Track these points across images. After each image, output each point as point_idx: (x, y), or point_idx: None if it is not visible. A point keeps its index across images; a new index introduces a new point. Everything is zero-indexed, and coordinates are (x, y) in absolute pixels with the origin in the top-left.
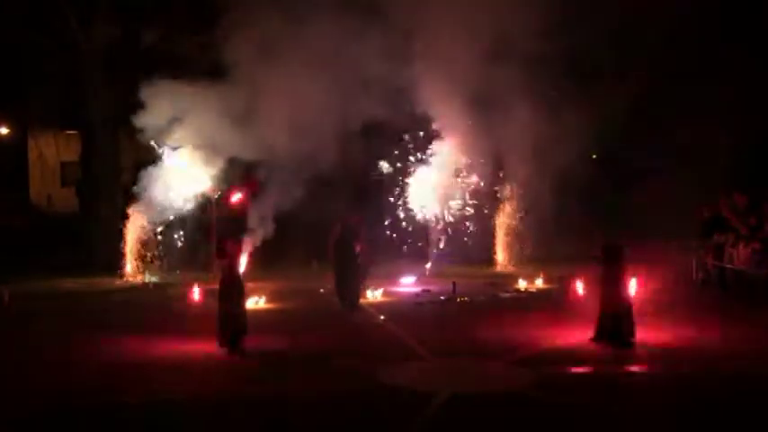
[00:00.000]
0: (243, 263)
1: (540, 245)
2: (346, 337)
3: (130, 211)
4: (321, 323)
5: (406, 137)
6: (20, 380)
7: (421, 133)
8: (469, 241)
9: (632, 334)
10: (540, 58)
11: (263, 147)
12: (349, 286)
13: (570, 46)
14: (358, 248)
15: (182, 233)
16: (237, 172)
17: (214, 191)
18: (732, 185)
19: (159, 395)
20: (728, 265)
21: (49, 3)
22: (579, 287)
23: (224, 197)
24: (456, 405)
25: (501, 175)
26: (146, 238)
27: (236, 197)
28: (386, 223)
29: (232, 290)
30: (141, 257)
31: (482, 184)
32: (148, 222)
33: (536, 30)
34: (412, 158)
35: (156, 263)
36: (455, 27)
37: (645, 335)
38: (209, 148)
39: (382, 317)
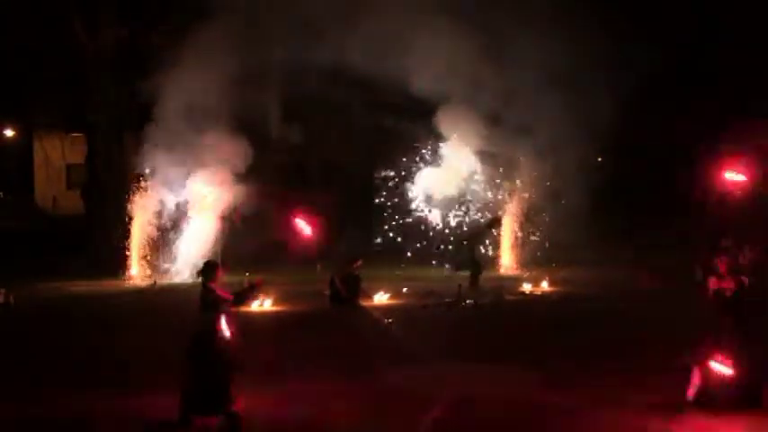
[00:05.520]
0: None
1: (547, 248)
2: (352, 339)
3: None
4: (327, 326)
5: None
6: None
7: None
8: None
9: None
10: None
11: None
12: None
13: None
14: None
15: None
16: None
17: None
18: None
19: None
20: None
21: (54, 6)
22: None
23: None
24: (461, 408)
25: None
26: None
27: None
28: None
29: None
30: (149, 255)
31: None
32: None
33: None
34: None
35: (162, 264)
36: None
37: None
38: None
39: (388, 320)
